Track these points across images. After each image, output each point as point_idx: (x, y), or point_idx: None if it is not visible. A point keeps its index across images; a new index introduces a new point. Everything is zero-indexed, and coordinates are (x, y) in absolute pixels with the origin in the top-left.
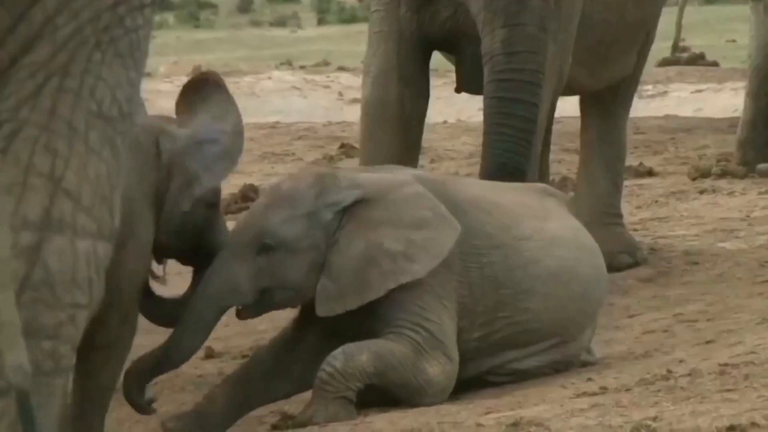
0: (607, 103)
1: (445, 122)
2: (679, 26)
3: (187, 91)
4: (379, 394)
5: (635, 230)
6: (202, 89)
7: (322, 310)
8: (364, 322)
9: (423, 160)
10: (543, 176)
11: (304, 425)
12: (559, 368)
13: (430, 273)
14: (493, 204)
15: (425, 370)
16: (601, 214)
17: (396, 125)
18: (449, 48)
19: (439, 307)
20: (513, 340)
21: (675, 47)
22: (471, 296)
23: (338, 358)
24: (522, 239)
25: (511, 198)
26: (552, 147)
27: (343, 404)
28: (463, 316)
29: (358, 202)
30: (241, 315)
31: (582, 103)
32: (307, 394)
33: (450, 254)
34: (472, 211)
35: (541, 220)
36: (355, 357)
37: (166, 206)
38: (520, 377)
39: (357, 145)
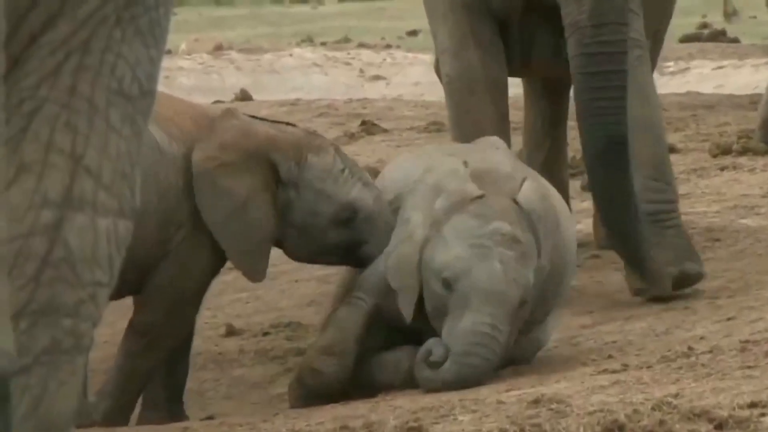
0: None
1: None
2: None
3: None
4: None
5: None
6: None
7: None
8: None
9: (444, 141)
10: (560, 149)
11: None
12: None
13: None
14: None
15: None
16: None
17: (485, 93)
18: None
19: None
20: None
21: None
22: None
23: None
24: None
25: (511, 160)
26: (573, 123)
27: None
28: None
29: None
30: None
31: None
32: None
33: None
34: None
35: (537, 178)
36: None
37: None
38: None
39: (377, 122)
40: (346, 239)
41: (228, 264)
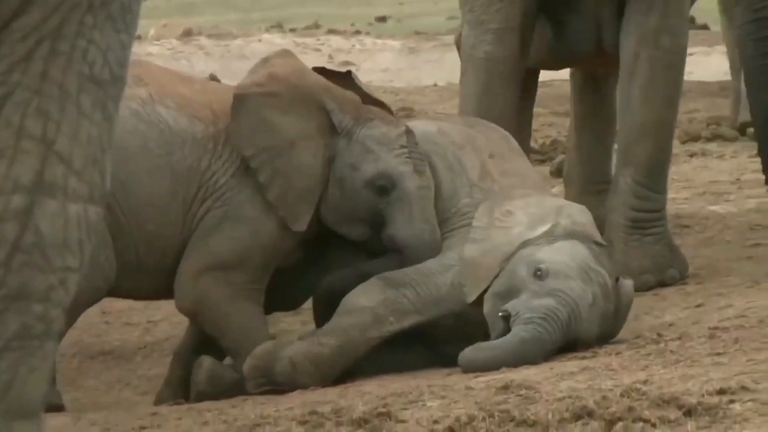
0: (599, 74)
1: (435, 85)
2: None
3: None
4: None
5: None
6: None
7: None
8: None
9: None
10: (525, 132)
11: None
12: None
13: None
14: None
15: None
16: (592, 182)
17: (517, 81)
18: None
19: None
20: None
21: None
22: None
23: None
24: None
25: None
26: (542, 110)
27: None
28: None
29: None
30: None
31: (573, 70)
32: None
33: None
34: None
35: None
36: None
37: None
38: None
39: None
40: (375, 209)
41: None
